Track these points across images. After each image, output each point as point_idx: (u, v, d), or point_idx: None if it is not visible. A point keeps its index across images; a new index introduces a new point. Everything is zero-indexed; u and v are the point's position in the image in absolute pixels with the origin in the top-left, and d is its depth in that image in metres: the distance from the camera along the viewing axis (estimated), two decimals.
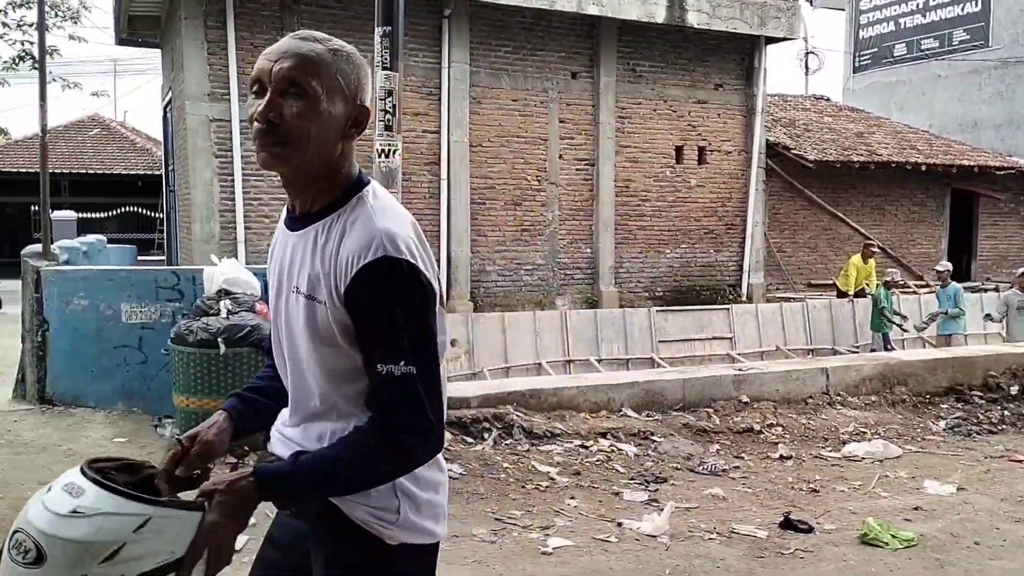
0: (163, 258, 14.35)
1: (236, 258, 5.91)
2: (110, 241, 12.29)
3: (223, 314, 4.80)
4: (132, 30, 12.43)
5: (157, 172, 22.79)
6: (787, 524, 4.03)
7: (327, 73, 1.38)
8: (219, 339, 4.61)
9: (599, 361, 11.07)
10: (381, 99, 4.78)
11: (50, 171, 22.58)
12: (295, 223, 1.46)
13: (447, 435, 5.28)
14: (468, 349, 10.81)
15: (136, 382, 5.57)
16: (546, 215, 11.82)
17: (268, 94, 1.35)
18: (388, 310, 1.33)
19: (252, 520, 1.36)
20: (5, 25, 12.35)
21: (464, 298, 11.16)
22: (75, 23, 11.97)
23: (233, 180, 9.81)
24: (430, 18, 10.57)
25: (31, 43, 12.50)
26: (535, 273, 11.85)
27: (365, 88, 1.45)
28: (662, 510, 4.13)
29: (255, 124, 1.37)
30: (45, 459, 4.67)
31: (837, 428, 5.88)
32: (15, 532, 1.26)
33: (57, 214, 21.83)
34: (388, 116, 4.79)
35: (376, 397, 1.35)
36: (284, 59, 1.37)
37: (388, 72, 4.76)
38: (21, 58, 12.59)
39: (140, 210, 23.95)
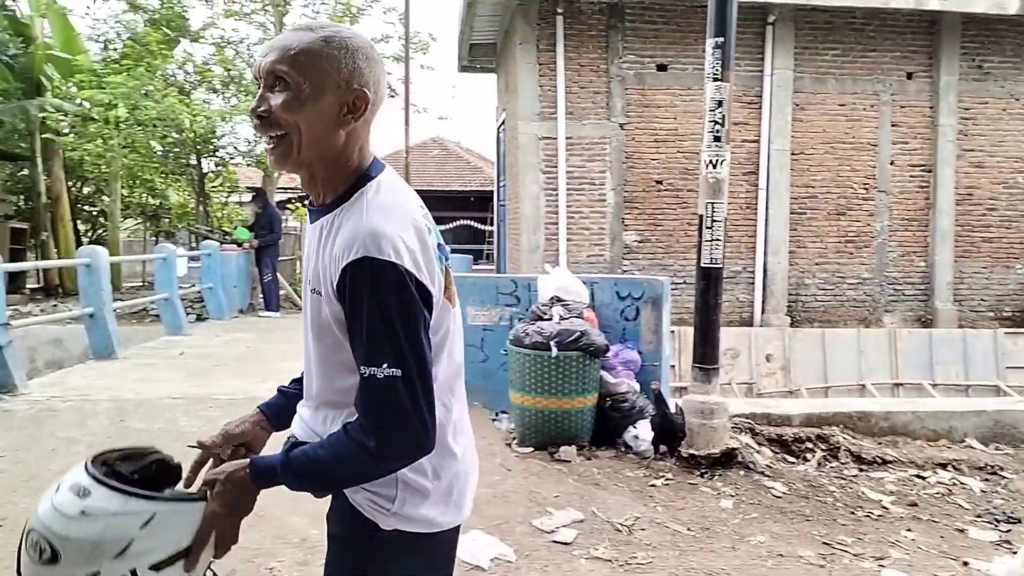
0: (492, 267, 15.56)
1: (557, 267, 6.28)
2: (454, 252, 13.60)
3: (555, 319, 5.12)
4: (471, 58, 13.68)
5: (487, 188, 24.79)
6: None
7: (310, 62, 1.37)
8: (552, 342, 4.93)
9: (933, 386, 10.08)
10: (711, 110, 4.82)
11: None
12: (312, 216, 1.48)
13: (767, 451, 5.18)
14: (784, 365, 10.42)
15: (477, 378, 6.04)
16: (874, 225, 11.00)
17: (260, 89, 1.40)
18: (369, 311, 1.30)
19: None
20: None
21: (780, 312, 10.75)
22: (424, 54, 13.44)
23: (557, 194, 10.39)
24: (752, 26, 10.37)
25: (389, 73, 14.20)
26: (860, 288, 11.07)
27: (363, 72, 1.41)
28: (1016, 553, 3.70)
29: (254, 121, 1.42)
30: None
31: None
32: (30, 532, 1.32)
33: None
34: (717, 127, 4.81)
35: (360, 398, 1.34)
36: (270, 53, 1.39)
37: (719, 83, 4.79)
38: None
39: (472, 223, 26.20)
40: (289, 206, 17.03)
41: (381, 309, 1.30)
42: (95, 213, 19.01)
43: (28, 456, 4.92)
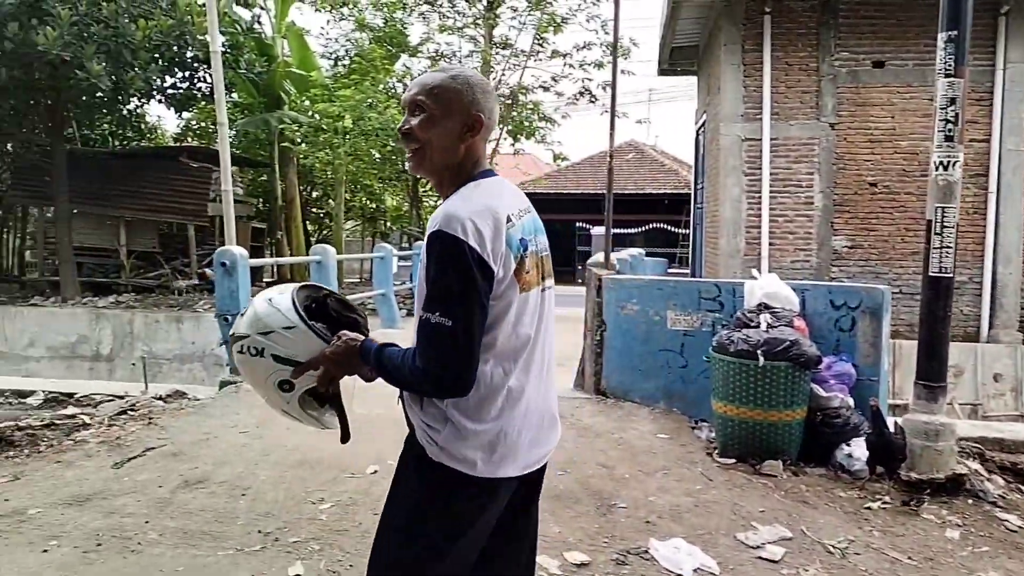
0: (687, 271, 15.29)
1: (765, 273, 6.07)
2: (646, 255, 13.51)
3: (763, 327, 4.97)
4: (672, 61, 13.54)
5: (681, 191, 24.40)
6: None
7: (441, 94, 1.82)
8: (758, 351, 4.78)
9: None
10: (942, 108, 4.49)
11: (592, 191, 25.62)
12: None
13: (999, 480, 4.75)
14: (1015, 386, 9.49)
15: (676, 384, 6.01)
16: None
17: (406, 115, 1.86)
18: (434, 271, 1.68)
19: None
20: (570, 66, 14.36)
21: (1011, 327, 9.79)
22: (625, 59, 13.45)
23: (760, 197, 10.06)
24: (982, 18, 9.48)
25: (589, 80, 14.34)
26: None
27: (480, 102, 1.84)
28: None
29: (399, 137, 1.89)
30: (601, 444, 5.33)
31: None
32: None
33: (596, 230, 24.79)
34: (950, 126, 4.48)
35: (416, 334, 1.71)
36: (412, 88, 1.86)
37: (952, 79, 4.46)
38: (581, 94, 14.52)
39: (665, 226, 25.87)
40: None
41: (441, 271, 1.68)
42: (321, 215, 20.76)
43: (268, 432, 5.46)
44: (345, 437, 2.02)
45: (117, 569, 3.45)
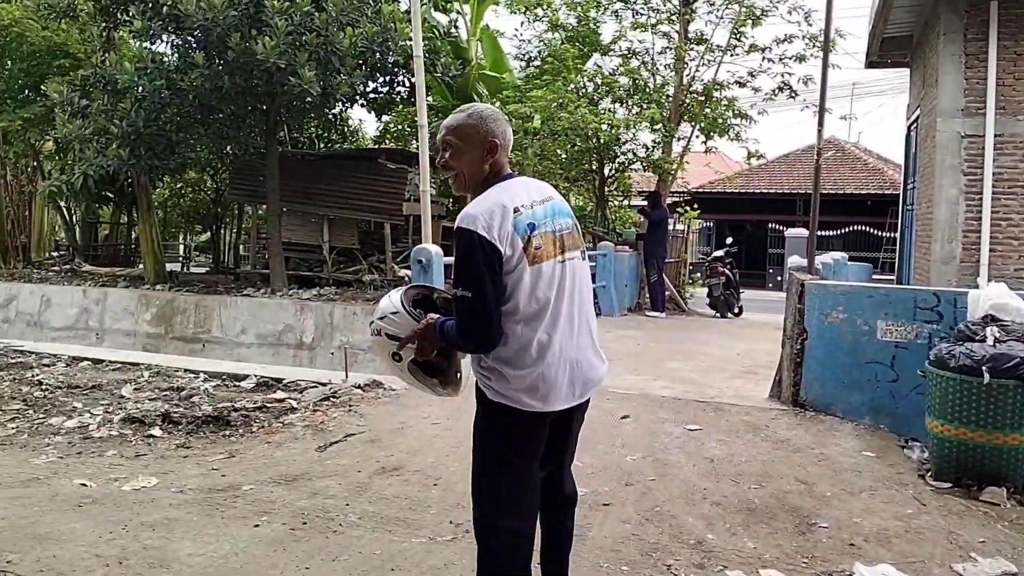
0: (891, 277, 14.23)
1: (994, 282, 5.47)
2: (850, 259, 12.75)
3: (989, 341, 4.50)
4: (882, 53, 12.62)
5: (887, 192, 22.75)
6: None
7: (462, 131, 2.47)
8: (983, 367, 4.34)
9: None
10: None
11: (786, 191, 24.42)
12: None
13: None
14: None
15: (885, 399, 5.60)
16: None
17: (440, 151, 2.51)
18: (456, 257, 2.31)
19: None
20: (769, 61, 13.77)
21: None
22: (832, 52, 12.68)
23: (981, 199, 9.16)
24: None
25: (790, 74, 13.68)
26: None
27: (493, 129, 2.47)
28: None
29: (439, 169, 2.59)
30: (800, 459, 5.03)
31: None
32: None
33: (790, 232, 23.68)
34: None
35: (452, 306, 2.38)
36: (442, 130, 2.50)
37: None
38: (780, 89, 13.88)
39: (867, 229, 24.24)
40: (679, 209, 17.22)
41: (460, 257, 2.30)
42: None
43: (458, 425, 5.60)
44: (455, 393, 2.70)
45: (321, 548, 3.65)
